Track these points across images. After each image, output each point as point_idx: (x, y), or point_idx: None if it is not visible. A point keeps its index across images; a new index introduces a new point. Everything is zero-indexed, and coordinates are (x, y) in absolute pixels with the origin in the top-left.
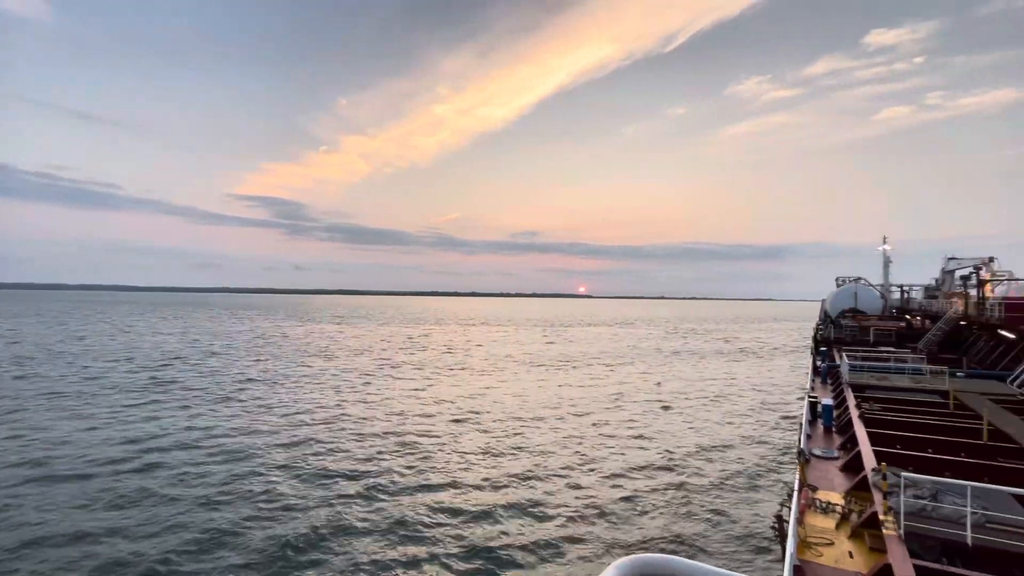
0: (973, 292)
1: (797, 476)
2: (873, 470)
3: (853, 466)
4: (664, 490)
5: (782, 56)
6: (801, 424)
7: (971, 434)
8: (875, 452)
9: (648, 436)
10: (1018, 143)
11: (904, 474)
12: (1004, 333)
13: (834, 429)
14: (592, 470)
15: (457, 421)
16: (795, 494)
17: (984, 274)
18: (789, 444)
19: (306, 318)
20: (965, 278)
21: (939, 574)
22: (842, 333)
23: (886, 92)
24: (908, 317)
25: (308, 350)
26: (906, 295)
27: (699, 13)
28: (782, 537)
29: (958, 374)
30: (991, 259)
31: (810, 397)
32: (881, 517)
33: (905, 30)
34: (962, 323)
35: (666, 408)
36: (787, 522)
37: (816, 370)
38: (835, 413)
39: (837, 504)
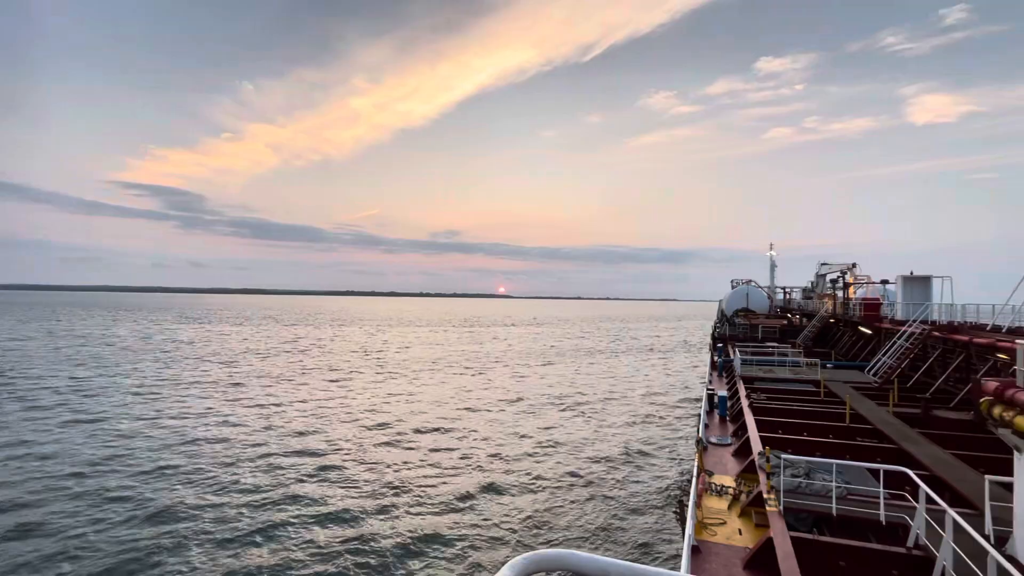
0: (840, 294)
1: (696, 463)
2: (759, 454)
3: (743, 451)
4: (574, 484)
5: (686, 75)
6: (700, 415)
7: (837, 417)
8: (761, 437)
9: (559, 432)
10: (875, 165)
11: (784, 456)
12: (863, 329)
13: (728, 418)
14: (499, 468)
15: (359, 425)
16: (694, 480)
17: (848, 278)
18: (691, 434)
19: (202, 319)
20: (834, 281)
21: (810, 543)
22: (736, 331)
23: (773, 114)
24: (789, 315)
25: (200, 355)
26: (788, 296)
27: (614, 27)
28: (682, 520)
29: (827, 365)
30: (854, 265)
31: (708, 390)
32: (765, 496)
33: (788, 59)
34: (831, 320)
35: (578, 404)
36: (687, 506)
37: (714, 365)
38: (729, 403)
39: (730, 487)
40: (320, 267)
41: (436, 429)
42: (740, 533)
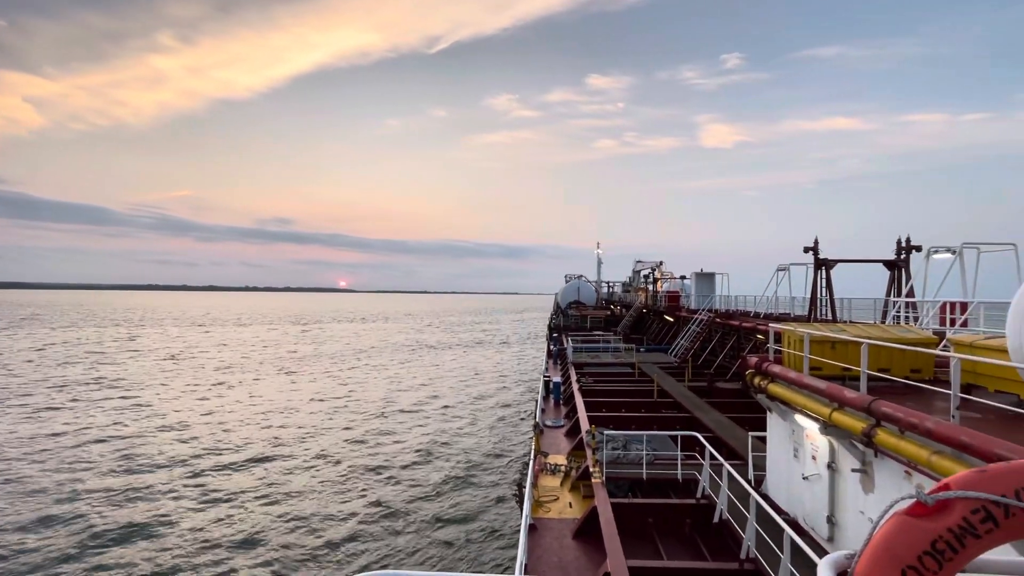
0: (650, 287)
1: (533, 446)
2: (586, 432)
3: (574, 431)
4: (416, 486)
5: (527, 81)
6: (537, 400)
7: (647, 393)
8: (588, 417)
9: (402, 434)
10: (675, 179)
11: (606, 432)
12: (667, 317)
13: (561, 401)
14: (331, 480)
15: (143, 450)
16: (531, 462)
17: (657, 274)
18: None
19: None
20: (646, 277)
21: (627, 506)
22: (569, 321)
23: (600, 126)
24: (612, 307)
25: None
26: (611, 289)
27: (460, 24)
28: (520, 501)
29: (641, 349)
30: (661, 263)
31: (544, 377)
32: (591, 469)
33: (612, 79)
34: (644, 311)
35: (423, 402)
36: (525, 487)
37: (550, 353)
38: (562, 388)
39: (562, 464)
40: (109, 255)
41: (246, 444)
42: (570, 506)
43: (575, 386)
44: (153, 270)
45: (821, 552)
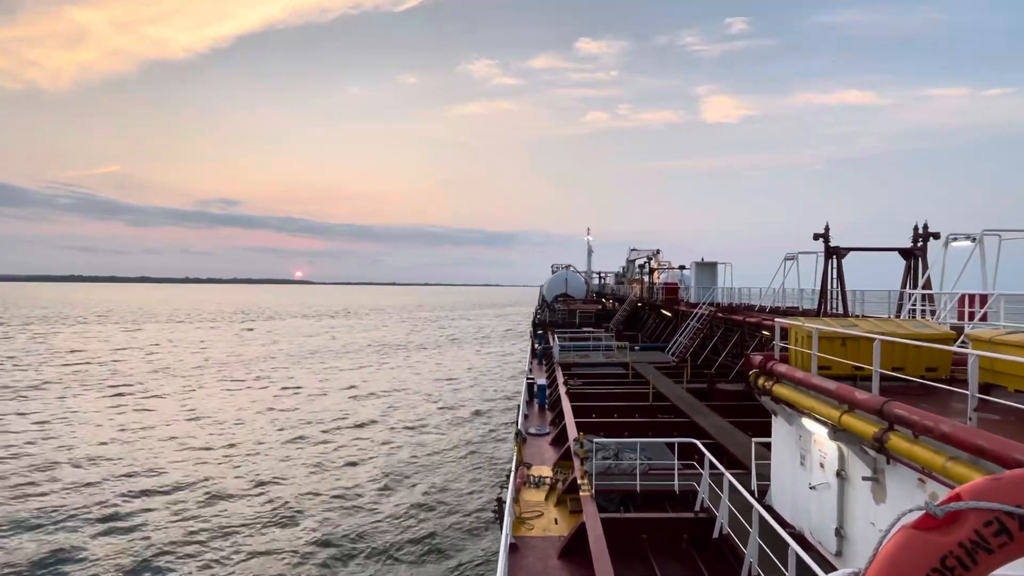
0: (646, 279)
1: (515, 456)
2: (574, 440)
3: (561, 439)
4: (388, 500)
5: (509, 43)
6: (520, 406)
7: (642, 397)
8: (577, 423)
9: (373, 443)
10: (674, 157)
11: (596, 440)
12: (665, 312)
13: (547, 406)
14: (287, 491)
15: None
16: (512, 474)
17: (653, 264)
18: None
19: None
20: (641, 267)
21: (617, 521)
22: (555, 317)
23: (591, 96)
24: (604, 300)
25: None
26: (603, 281)
27: None
28: (500, 517)
29: (635, 348)
30: (658, 251)
31: (528, 379)
32: (579, 481)
33: (604, 43)
34: (639, 305)
35: (396, 409)
36: (505, 502)
37: (534, 352)
38: (548, 391)
39: (547, 476)
40: (22, 242)
41: (184, 463)
42: (556, 522)
43: (562, 389)
44: (76, 258)
45: (828, 568)
